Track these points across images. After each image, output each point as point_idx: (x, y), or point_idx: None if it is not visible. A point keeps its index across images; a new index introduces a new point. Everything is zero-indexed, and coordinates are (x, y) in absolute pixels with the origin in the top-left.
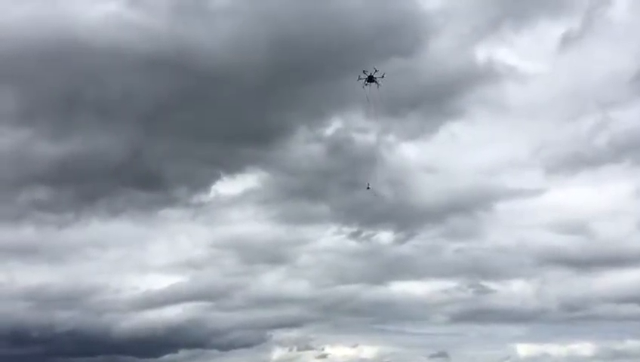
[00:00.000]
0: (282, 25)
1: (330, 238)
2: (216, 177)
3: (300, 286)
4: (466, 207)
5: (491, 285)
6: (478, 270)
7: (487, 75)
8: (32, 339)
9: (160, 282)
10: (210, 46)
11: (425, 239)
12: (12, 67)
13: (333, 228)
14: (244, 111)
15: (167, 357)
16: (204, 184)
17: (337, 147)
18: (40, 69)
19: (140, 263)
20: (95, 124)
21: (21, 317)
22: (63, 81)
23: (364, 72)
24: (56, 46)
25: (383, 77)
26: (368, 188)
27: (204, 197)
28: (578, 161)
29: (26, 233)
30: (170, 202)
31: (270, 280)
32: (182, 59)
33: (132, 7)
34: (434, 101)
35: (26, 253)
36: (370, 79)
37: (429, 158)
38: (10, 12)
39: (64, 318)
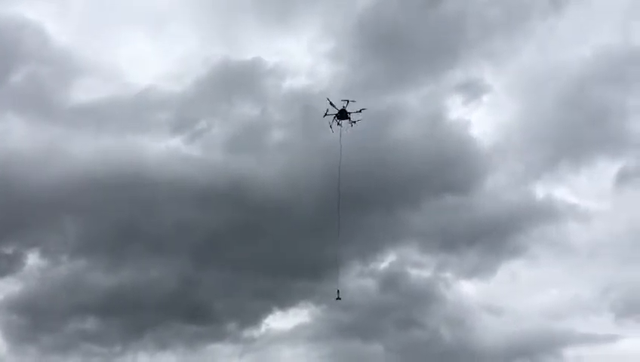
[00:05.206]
0: (336, 159)
1: None
2: (267, 311)
3: None
4: (531, 352)
5: None
6: None
7: (546, 212)
8: None
9: None
10: (263, 179)
11: None
12: (77, 199)
13: None
14: (297, 245)
15: None
16: (255, 318)
17: (391, 282)
18: (101, 202)
19: None
20: (148, 256)
21: None
22: (121, 213)
23: (331, 103)
24: (119, 180)
25: (360, 111)
26: (339, 298)
27: (254, 332)
28: None
29: None
30: (220, 336)
31: None
32: (235, 192)
33: (191, 143)
34: (492, 238)
35: None
36: (342, 115)
37: (489, 297)
38: (81, 147)
39: None
